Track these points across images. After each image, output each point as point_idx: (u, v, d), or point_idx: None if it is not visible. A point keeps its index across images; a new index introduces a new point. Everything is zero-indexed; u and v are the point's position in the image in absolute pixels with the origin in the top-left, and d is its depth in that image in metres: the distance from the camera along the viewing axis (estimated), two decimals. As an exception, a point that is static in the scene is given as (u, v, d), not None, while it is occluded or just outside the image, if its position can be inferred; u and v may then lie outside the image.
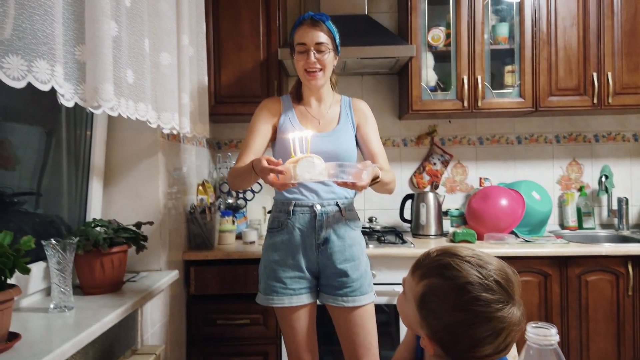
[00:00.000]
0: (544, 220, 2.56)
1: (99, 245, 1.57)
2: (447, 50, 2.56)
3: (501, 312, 0.82)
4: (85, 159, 1.88)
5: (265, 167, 1.40)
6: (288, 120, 1.79)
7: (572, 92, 2.52)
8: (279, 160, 1.42)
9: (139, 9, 1.39)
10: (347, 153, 1.77)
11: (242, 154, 1.75)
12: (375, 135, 1.87)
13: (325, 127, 1.80)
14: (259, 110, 1.83)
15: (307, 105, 1.84)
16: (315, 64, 1.70)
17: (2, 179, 1.52)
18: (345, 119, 1.83)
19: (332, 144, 1.75)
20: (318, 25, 1.70)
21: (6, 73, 0.87)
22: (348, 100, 1.89)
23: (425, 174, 2.86)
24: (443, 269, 0.86)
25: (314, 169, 1.40)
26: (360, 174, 1.48)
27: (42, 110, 1.71)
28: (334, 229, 1.75)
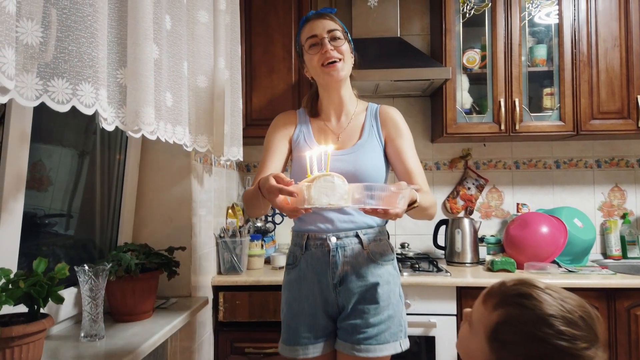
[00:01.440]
0: (587, 249, 2.44)
1: (131, 271, 1.54)
2: (483, 72, 2.50)
3: (588, 351, 0.74)
4: (118, 181, 1.86)
5: (273, 187, 1.10)
6: (302, 136, 1.56)
7: (615, 115, 2.42)
8: (290, 180, 1.13)
9: (178, 32, 1.37)
10: (371, 174, 1.46)
11: (258, 174, 1.51)
12: (410, 149, 1.52)
13: (345, 142, 1.52)
14: (273, 125, 1.62)
15: (325, 118, 1.57)
16: (332, 52, 1.43)
17: (35, 200, 1.52)
18: (369, 132, 1.52)
19: (350, 163, 1.45)
20: (326, 16, 1.49)
21: (51, 97, 0.85)
22: (375, 108, 1.58)
23: (459, 198, 2.77)
24: (522, 298, 0.80)
25: (334, 191, 1.09)
26: (393, 199, 1.15)
27: (76, 132, 1.71)
28: (353, 265, 1.46)
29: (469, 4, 2.51)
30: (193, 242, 1.94)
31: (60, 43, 0.90)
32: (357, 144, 1.51)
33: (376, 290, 1.46)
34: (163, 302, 1.82)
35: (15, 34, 0.80)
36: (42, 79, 0.86)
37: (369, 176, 1.46)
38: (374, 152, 1.50)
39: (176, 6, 1.38)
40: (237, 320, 2.20)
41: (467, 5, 2.51)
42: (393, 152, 1.52)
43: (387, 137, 1.53)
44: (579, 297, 0.82)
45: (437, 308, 2.16)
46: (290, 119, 1.61)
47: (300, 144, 1.54)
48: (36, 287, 1.07)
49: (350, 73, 1.53)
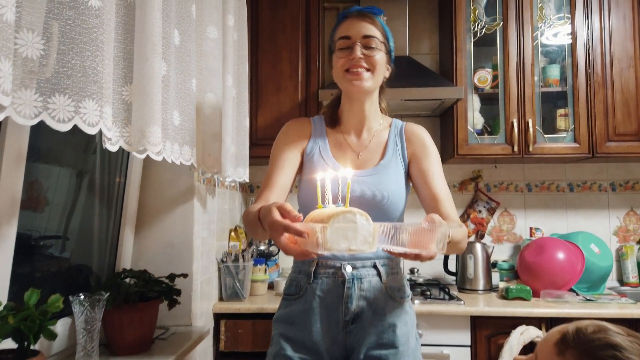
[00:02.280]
0: (605, 277, 2.34)
1: (129, 300, 1.44)
2: (494, 92, 2.44)
3: None
4: (117, 203, 1.77)
5: (277, 223, 0.87)
6: (317, 150, 1.35)
7: (631, 137, 2.35)
8: (299, 214, 0.89)
9: (187, 48, 1.30)
10: (393, 200, 1.29)
11: (262, 190, 1.29)
12: (438, 172, 1.33)
13: (366, 162, 1.34)
14: (283, 133, 1.39)
15: (344, 131, 1.38)
16: (360, 60, 1.24)
17: (30, 221, 1.44)
18: (393, 151, 1.35)
19: (372, 186, 1.28)
20: (368, 17, 1.27)
21: (51, 115, 0.76)
22: (400, 125, 1.40)
23: (470, 222, 2.68)
24: (614, 350, 0.72)
25: (356, 233, 0.87)
26: (425, 238, 0.94)
27: (75, 151, 1.64)
28: (370, 300, 1.27)
29: (480, 23, 2.46)
30: (194, 267, 1.84)
31: (62, 56, 0.82)
32: (380, 165, 1.32)
33: (395, 332, 1.26)
34: (162, 332, 1.71)
35: (13, 46, 0.72)
36: (42, 95, 0.78)
37: (391, 202, 1.29)
38: (397, 175, 1.33)
39: (185, 21, 1.31)
40: (240, 351, 2.08)
41: (478, 24, 2.46)
42: (418, 174, 1.34)
43: (412, 156, 1.36)
44: None
45: (450, 338, 2.06)
46: (304, 127, 1.40)
47: (315, 160, 1.33)
48: (27, 322, 0.97)
49: (379, 86, 1.36)
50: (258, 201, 1.25)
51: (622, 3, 2.39)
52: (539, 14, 2.44)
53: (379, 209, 1.25)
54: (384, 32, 1.30)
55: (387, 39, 1.31)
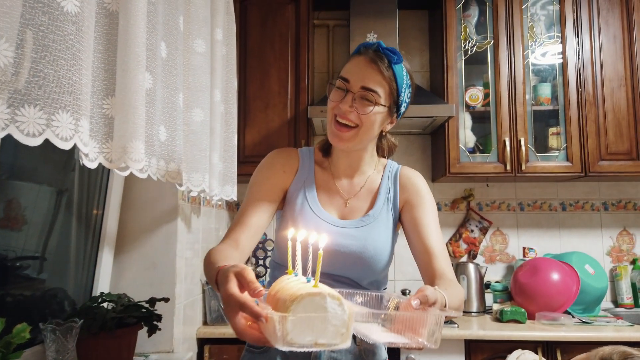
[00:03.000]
0: (600, 298, 2.30)
1: (106, 327, 1.34)
2: (486, 110, 2.41)
3: None
4: (97, 223, 1.68)
5: (233, 298, 0.72)
6: (302, 192, 1.19)
7: (623, 156, 2.33)
8: (260, 288, 0.72)
9: (174, 61, 1.24)
10: (379, 256, 1.16)
11: (233, 227, 1.12)
12: (434, 223, 1.18)
13: (353, 211, 1.20)
14: (267, 165, 1.22)
15: (335, 173, 1.23)
16: (348, 113, 1.09)
17: (7, 240, 1.38)
18: (384, 200, 1.20)
19: (359, 241, 1.14)
20: (378, 64, 1.09)
21: (20, 128, 0.69)
22: (395, 170, 1.26)
23: (462, 241, 2.63)
24: None
25: (326, 324, 0.68)
26: (416, 324, 0.77)
27: (54, 169, 1.56)
28: None
29: (471, 41, 2.45)
30: (177, 290, 1.75)
31: (34, 65, 0.75)
32: (369, 216, 1.18)
33: None
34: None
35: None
36: (10, 107, 0.71)
37: (378, 259, 1.16)
38: (386, 227, 1.19)
39: (172, 33, 1.25)
40: (225, 378, 1.98)
41: (468, 43, 2.45)
42: (410, 224, 1.18)
43: (404, 204, 1.21)
44: None
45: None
46: (291, 161, 1.23)
47: (298, 203, 1.18)
48: (-12, 356, 0.88)
49: (368, 142, 1.20)
50: (227, 239, 1.08)
51: (612, 23, 2.40)
52: (530, 33, 2.44)
53: (363, 265, 1.13)
54: (394, 84, 1.12)
55: (398, 91, 1.13)
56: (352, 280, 1.14)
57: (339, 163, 1.23)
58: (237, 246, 1.05)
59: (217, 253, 0.97)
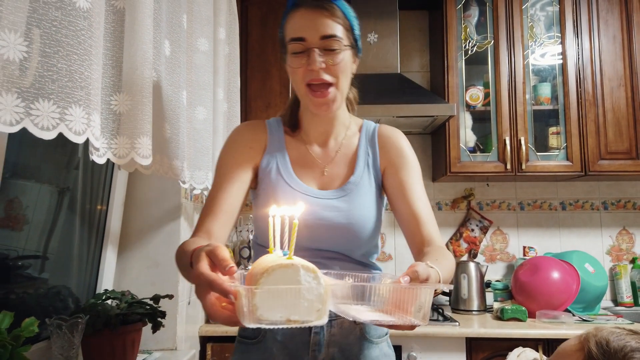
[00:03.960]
0: (600, 297, 2.31)
1: (110, 323, 1.35)
2: (486, 110, 2.43)
3: None
4: (100, 221, 1.69)
5: (203, 277, 0.66)
6: (275, 166, 1.09)
7: (623, 155, 2.34)
8: (232, 265, 0.67)
9: (178, 59, 1.25)
10: (366, 226, 1.07)
11: (203, 217, 1.02)
12: (419, 185, 1.10)
13: (333, 180, 1.10)
14: (232, 143, 1.12)
15: (307, 140, 1.13)
16: (322, 73, 1.00)
17: (9, 240, 1.37)
18: (364, 164, 1.11)
19: (342, 212, 1.05)
20: (325, 9, 1.00)
21: (34, 121, 0.70)
22: (372, 129, 1.16)
23: (463, 240, 2.64)
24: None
25: (299, 298, 0.63)
26: (404, 300, 0.71)
27: (56, 168, 1.57)
28: (342, 346, 1.06)
29: (471, 41, 2.46)
30: (180, 288, 1.75)
31: (47, 59, 0.76)
32: (350, 183, 1.09)
33: None
34: (145, 357, 1.61)
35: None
36: (25, 101, 0.72)
37: (365, 229, 1.07)
38: (370, 194, 1.10)
39: (176, 31, 1.26)
40: (227, 376, 1.99)
41: (469, 43, 2.46)
42: (394, 188, 1.10)
43: (386, 166, 1.12)
44: None
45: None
46: (258, 135, 1.13)
47: (273, 178, 1.08)
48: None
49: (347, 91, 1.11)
50: (198, 232, 0.99)
51: (612, 24, 2.41)
52: (530, 33, 2.45)
53: (351, 237, 1.06)
54: (346, 20, 1.03)
55: (352, 27, 1.05)
56: (342, 254, 1.07)
57: (312, 130, 1.13)
58: (210, 237, 0.97)
59: (189, 244, 0.88)
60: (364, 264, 1.11)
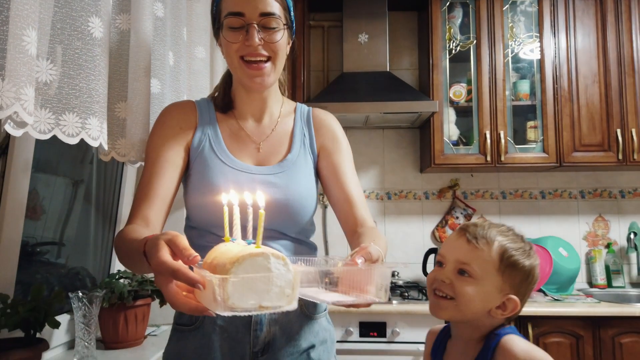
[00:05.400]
0: (572, 278, 2.49)
1: (123, 298, 1.56)
2: (469, 105, 2.60)
3: None
4: (112, 211, 1.90)
5: (165, 265, 0.65)
6: (207, 143, 1.07)
7: (596, 148, 2.51)
8: (195, 254, 0.66)
9: (179, 67, 1.44)
10: (303, 203, 1.07)
11: (137, 203, 0.99)
12: (351, 169, 1.15)
13: (269, 156, 1.10)
14: (160, 125, 1.08)
15: (239, 117, 1.13)
16: (259, 48, 1.00)
17: (29, 229, 1.53)
18: (300, 143, 1.13)
19: (280, 189, 1.05)
20: None
21: (62, 130, 0.90)
22: (307, 112, 1.18)
23: (448, 227, 2.83)
24: (504, 231, 0.94)
25: (270, 285, 0.66)
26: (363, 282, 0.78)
27: (72, 162, 1.75)
28: (282, 324, 1.04)
29: (455, 41, 2.63)
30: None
31: (71, 80, 0.95)
32: (287, 160, 1.09)
33: (309, 356, 1.06)
34: (154, 329, 1.83)
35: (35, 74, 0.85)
36: (55, 114, 0.92)
37: (303, 206, 1.08)
38: (307, 172, 1.11)
39: (178, 43, 1.46)
40: (228, 349, 2.20)
41: (453, 42, 2.63)
42: (328, 171, 1.13)
43: (321, 149, 1.15)
44: None
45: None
46: (187, 115, 1.10)
47: (205, 155, 1.06)
48: (34, 312, 1.10)
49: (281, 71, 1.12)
50: (135, 219, 0.96)
51: (587, 23, 2.57)
52: (510, 33, 2.61)
53: (288, 215, 1.05)
54: (284, 0, 1.05)
55: (289, 8, 1.07)
56: (278, 231, 1.06)
57: (244, 108, 1.12)
58: (148, 224, 0.95)
59: (131, 232, 0.87)
60: (301, 241, 1.11)
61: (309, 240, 1.15)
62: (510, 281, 0.90)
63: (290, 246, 1.08)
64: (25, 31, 0.76)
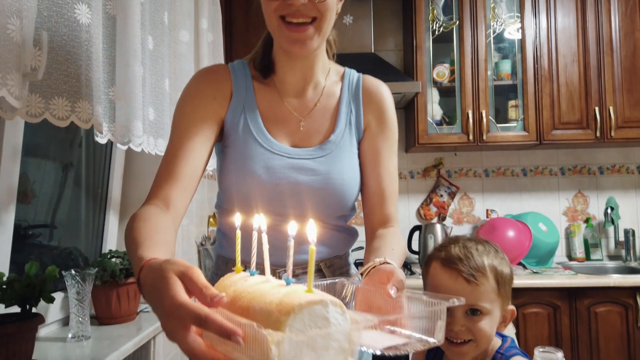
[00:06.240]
0: (552, 252, 2.58)
1: (115, 276, 1.62)
2: (452, 85, 2.65)
3: None
4: (102, 192, 1.94)
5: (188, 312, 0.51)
6: (242, 120, 0.95)
7: (575, 125, 2.58)
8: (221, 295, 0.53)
9: (160, 52, 1.48)
10: (346, 192, 0.97)
11: (160, 181, 0.88)
12: (393, 159, 1.02)
13: (310, 136, 0.98)
14: (192, 95, 0.95)
15: (281, 89, 0.98)
16: (302, 7, 0.86)
17: (20, 213, 1.56)
18: (346, 119, 0.99)
19: (319, 176, 0.94)
20: None
21: (52, 113, 0.94)
22: (356, 79, 1.04)
23: (432, 205, 2.91)
24: (484, 251, 0.96)
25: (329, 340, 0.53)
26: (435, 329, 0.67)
27: (61, 146, 1.78)
28: None
29: (438, 22, 2.67)
30: (176, 250, 2.02)
31: (60, 65, 0.99)
32: (330, 142, 0.97)
33: None
34: (146, 306, 1.89)
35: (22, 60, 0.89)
36: (44, 98, 0.96)
37: (345, 195, 0.96)
38: (352, 155, 0.99)
39: (158, 27, 1.49)
40: (219, 325, 2.27)
41: (436, 23, 2.67)
42: (368, 157, 1.00)
43: (366, 128, 1.00)
44: None
45: (411, 309, 2.27)
46: (221, 84, 0.97)
47: (240, 136, 0.94)
48: (29, 288, 1.15)
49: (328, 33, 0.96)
50: (154, 199, 0.85)
51: (567, 4, 2.61)
52: (492, 14, 2.65)
53: (328, 203, 0.96)
54: None
55: None
56: (318, 218, 0.95)
57: (286, 77, 0.98)
58: (168, 207, 0.84)
59: (142, 223, 0.77)
60: (340, 228, 1.02)
61: (349, 225, 1.04)
62: (505, 295, 0.94)
63: (329, 235, 0.99)
64: (10, 19, 0.80)
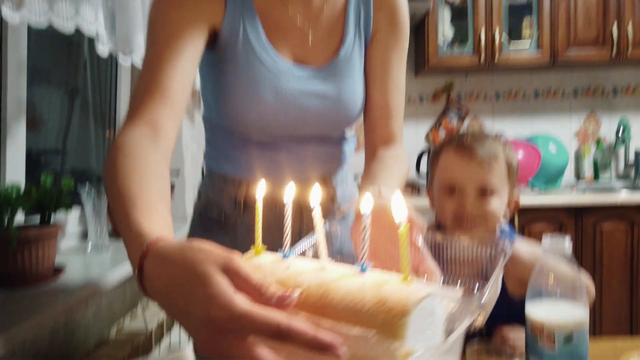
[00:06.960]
0: (560, 172, 2.59)
1: (129, 192, 1.65)
2: (464, 5, 2.55)
3: None
4: (110, 114, 1.95)
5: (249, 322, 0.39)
6: (241, 31, 0.81)
7: (591, 43, 2.49)
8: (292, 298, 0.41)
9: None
10: (354, 112, 0.90)
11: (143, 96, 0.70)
12: (402, 71, 0.93)
13: (317, 52, 0.87)
14: None
15: None
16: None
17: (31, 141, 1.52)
18: (354, 28, 0.88)
19: (329, 99, 0.86)
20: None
21: (56, 17, 0.93)
22: None
23: (442, 128, 2.89)
24: (495, 138, 1.01)
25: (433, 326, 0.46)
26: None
27: (65, 69, 1.77)
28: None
29: None
30: (186, 172, 2.05)
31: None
32: (340, 58, 0.87)
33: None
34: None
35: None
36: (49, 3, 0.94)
37: (353, 114, 0.90)
38: (360, 69, 0.90)
39: None
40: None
41: None
42: (375, 67, 0.90)
43: (375, 33, 0.89)
44: None
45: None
46: None
47: (239, 50, 0.81)
48: (46, 197, 1.18)
49: None
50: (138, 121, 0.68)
51: None
52: None
53: (335, 124, 0.91)
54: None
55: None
56: (320, 137, 0.92)
57: None
58: (157, 132, 0.68)
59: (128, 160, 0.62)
60: (342, 139, 0.97)
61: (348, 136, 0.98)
62: (512, 182, 1.00)
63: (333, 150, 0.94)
64: None
